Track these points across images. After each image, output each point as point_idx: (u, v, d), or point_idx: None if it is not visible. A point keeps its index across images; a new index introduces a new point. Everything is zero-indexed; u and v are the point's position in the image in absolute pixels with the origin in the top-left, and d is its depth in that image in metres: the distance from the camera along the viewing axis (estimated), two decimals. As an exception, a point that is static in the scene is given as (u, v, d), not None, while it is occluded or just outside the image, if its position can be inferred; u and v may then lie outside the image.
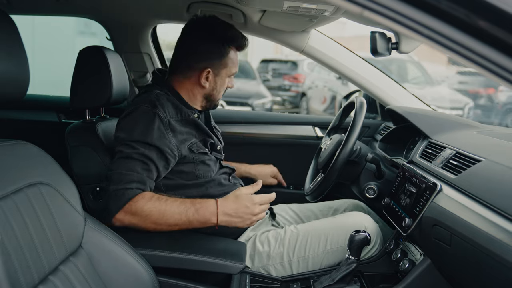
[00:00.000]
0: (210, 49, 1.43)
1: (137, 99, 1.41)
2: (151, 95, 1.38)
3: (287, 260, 1.42)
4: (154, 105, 1.33)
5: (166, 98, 1.39)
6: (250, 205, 1.29)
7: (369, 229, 1.44)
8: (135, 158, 1.27)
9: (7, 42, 0.90)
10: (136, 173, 1.26)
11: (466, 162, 1.18)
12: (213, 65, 1.44)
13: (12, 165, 0.92)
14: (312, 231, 1.45)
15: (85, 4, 1.99)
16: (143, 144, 1.29)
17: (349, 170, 1.61)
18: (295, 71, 10.69)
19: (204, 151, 1.42)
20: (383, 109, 1.97)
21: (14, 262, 0.81)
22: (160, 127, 1.32)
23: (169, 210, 1.25)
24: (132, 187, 1.24)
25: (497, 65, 0.52)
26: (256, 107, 7.74)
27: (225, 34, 1.44)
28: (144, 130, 1.30)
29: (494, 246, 0.89)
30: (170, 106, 1.38)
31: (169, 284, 1.22)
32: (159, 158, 1.30)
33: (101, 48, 1.59)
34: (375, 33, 1.24)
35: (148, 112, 1.32)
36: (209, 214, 1.27)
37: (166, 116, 1.34)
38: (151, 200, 1.24)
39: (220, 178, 1.49)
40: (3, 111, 2.21)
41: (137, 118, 1.32)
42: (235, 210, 1.28)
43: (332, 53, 1.92)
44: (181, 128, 1.38)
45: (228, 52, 1.45)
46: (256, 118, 2.27)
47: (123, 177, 1.25)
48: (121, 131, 1.34)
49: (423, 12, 0.52)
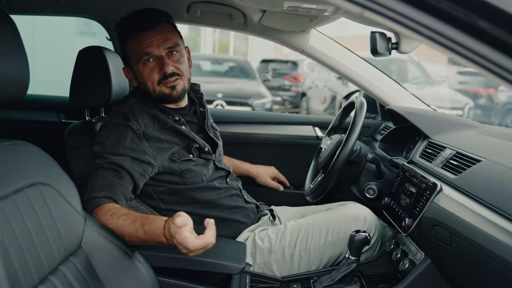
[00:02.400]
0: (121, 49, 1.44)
1: (111, 112, 1.41)
2: (125, 106, 1.38)
3: (289, 254, 1.42)
4: (126, 117, 1.34)
5: (142, 108, 1.38)
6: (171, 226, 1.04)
7: (368, 219, 1.45)
8: (106, 168, 1.28)
9: (7, 42, 0.90)
10: (106, 181, 1.25)
11: (466, 162, 1.18)
12: (126, 62, 1.45)
13: (12, 165, 0.92)
14: (312, 224, 1.46)
15: (85, 4, 1.99)
16: (114, 155, 1.29)
17: (349, 170, 1.61)
18: (295, 71, 10.69)
19: (186, 158, 1.40)
20: (383, 109, 1.97)
21: (14, 262, 0.81)
22: (133, 138, 1.32)
23: (120, 229, 1.15)
24: (99, 195, 1.22)
25: (497, 65, 0.52)
26: (256, 107, 7.73)
27: (119, 25, 1.42)
28: (115, 142, 1.30)
29: (494, 246, 0.89)
30: (145, 116, 1.37)
31: (169, 284, 1.22)
32: (133, 166, 1.29)
33: (101, 48, 1.59)
34: (375, 33, 1.24)
35: (120, 124, 1.33)
36: (157, 235, 1.09)
37: (139, 128, 1.33)
38: (105, 215, 1.18)
39: (213, 183, 1.47)
40: (3, 111, 2.21)
41: (109, 131, 1.33)
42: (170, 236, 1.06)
43: (332, 53, 1.92)
44: (161, 136, 1.37)
45: (126, 41, 1.41)
46: (256, 118, 2.27)
47: (93, 186, 1.25)
48: (96, 145, 1.34)
49: (423, 12, 0.52)
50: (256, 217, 1.57)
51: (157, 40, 1.36)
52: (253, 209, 1.58)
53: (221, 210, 1.47)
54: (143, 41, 1.36)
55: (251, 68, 9.12)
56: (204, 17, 1.87)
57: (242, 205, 1.53)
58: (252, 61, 11.14)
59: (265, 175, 1.89)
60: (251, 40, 15.40)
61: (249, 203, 1.58)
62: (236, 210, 1.50)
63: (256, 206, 1.60)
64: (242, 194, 1.58)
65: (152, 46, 1.36)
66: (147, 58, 1.36)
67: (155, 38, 1.36)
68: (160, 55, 1.37)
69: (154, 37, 1.36)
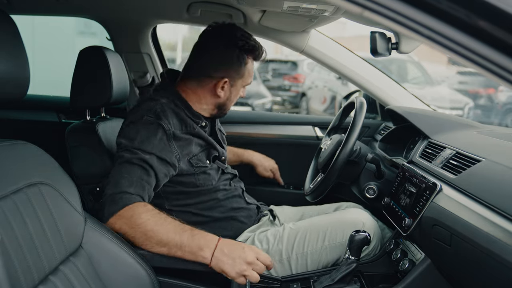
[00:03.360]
0: (230, 59, 1.41)
1: (142, 107, 1.36)
2: (157, 104, 1.34)
3: (286, 257, 1.42)
4: (158, 116, 1.31)
5: (171, 109, 1.36)
6: (247, 250, 1.15)
7: (367, 225, 1.44)
8: (135, 163, 1.24)
9: (7, 42, 0.90)
10: (136, 178, 1.22)
11: (466, 162, 1.18)
12: (231, 75, 1.42)
13: (12, 165, 0.92)
14: (310, 228, 1.45)
15: (85, 4, 1.99)
16: (143, 152, 1.26)
17: (349, 170, 1.61)
18: (295, 71, 10.69)
19: (203, 165, 1.40)
20: (383, 109, 1.97)
21: (14, 262, 0.81)
22: (163, 138, 1.30)
23: (165, 226, 1.16)
24: (131, 192, 1.20)
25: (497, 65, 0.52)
26: (256, 107, 7.74)
27: (245, 43, 1.41)
28: (145, 139, 1.28)
29: (494, 246, 0.89)
30: (174, 117, 1.35)
31: (169, 284, 1.22)
32: (159, 165, 1.27)
33: (101, 48, 1.59)
34: (375, 33, 1.24)
35: (152, 123, 1.30)
36: (204, 243, 1.14)
37: (170, 128, 1.31)
38: (151, 211, 1.18)
39: (219, 185, 1.47)
40: (3, 111, 2.21)
41: (140, 128, 1.30)
42: (231, 250, 1.14)
43: (332, 53, 1.92)
44: (187, 138, 1.36)
45: (246, 62, 1.43)
46: (256, 118, 2.28)
47: (121, 181, 1.21)
48: (123, 138, 1.31)
49: (423, 12, 0.52)
50: (257, 218, 1.57)
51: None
52: (254, 210, 1.58)
53: (223, 211, 1.47)
54: (253, 70, 1.49)
55: (251, 68, 9.11)
56: (204, 17, 1.87)
57: (243, 206, 1.53)
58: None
59: (264, 167, 1.95)
60: (251, 40, 15.36)
61: (250, 204, 1.58)
62: (237, 211, 1.51)
63: (257, 207, 1.60)
64: (244, 195, 1.58)
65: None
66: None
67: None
68: None
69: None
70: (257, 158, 1.94)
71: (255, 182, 1.99)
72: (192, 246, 1.14)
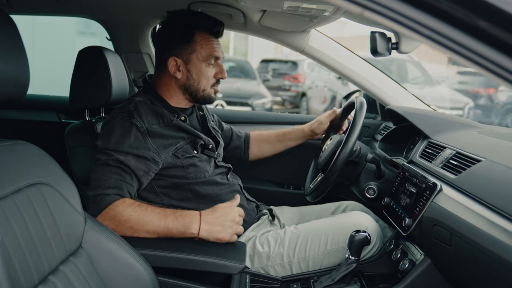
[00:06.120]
0: (172, 38, 1.44)
1: (116, 109, 1.42)
2: (130, 104, 1.39)
3: (287, 261, 1.42)
4: (131, 115, 1.35)
5: (147, 106, 1.40)
6: (230, 211, 1.29)
7: (370, 229, 1.43)
8: (111, 165, 1.29)
9: (7, 42, 0.90)
10: (114, 179, 1.27)
11: (466, 162, 1.18)
12: (178, 52, 1.43)
13: (12, 165, 0.92)
14: (312, 231, 1.45)
15: (85, 4, 1.99)
16: (118, 152, 1.30)
17: (349, 170, 1.61)
18: (295, 71, 10.70)
19: (190, 155, 1.42)
20: (383, 109, 1.97)
21: (14, 262, 0.81)
22: (137, 135, 1.33)
23: (148, 216, 1.24)
24: (109, 193, 1.25)
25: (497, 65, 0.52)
26: (256, 107, 7.73)
27: (188, 18, 1.45)
28: (120, 138, 1.31)
29: (494, 246, 0.89)
30: (150, 113, 1.38)
31: (169, 284, 1.22)
32: (137, 163, 1.31)
33: (101, 48, 1.59)
34: (375, 33, 1.24)
35: (124, 121, 1.34)
36: (189, 221, 1.25)
37: (143, 125, 1.35)
38: (131, 205, 1.24)
39: (215, 178, 1.48)
40: (3, 111, 2.21)
41: (114, 128, 1.34)
42: (215, 217, 1.27)
43: (332, 53, 1.92)
44: (165, 132, 1.38)
45: (194, 36, 1.43)
46: (256, 118, 2.27)
47: (100, 183, 1.26)
48: (99, 140, 1.35)
49: (423, 12, 0.52)
50: (256, 216, 1.57)
51: (221, 48, 1.49)
52: (253, 208, 1.58)
53: None
54: (215, 45, 1.46)
55: (251, 68, 9.13)
56: (204, 17, 1.87)
57: (243, 204, 1.53)
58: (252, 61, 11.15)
59: (323, 121, 1.82)
60: (251, 40, 15.40)
61: (250, 201, 1.58)
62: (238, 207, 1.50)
63: (256, 205, 1.60)
64: (243, 191, 1.58)
65: (220, 52, 1.48)
66: (213, 60, 1.46)
67: (219, 46, 1.48)
68: (220, 62, 1.50)
69: (219, 45, 1.48)
70: (315, 121, 1.83)
71: (255, 182, 1.99)
72: (179, 227, 1.25)
